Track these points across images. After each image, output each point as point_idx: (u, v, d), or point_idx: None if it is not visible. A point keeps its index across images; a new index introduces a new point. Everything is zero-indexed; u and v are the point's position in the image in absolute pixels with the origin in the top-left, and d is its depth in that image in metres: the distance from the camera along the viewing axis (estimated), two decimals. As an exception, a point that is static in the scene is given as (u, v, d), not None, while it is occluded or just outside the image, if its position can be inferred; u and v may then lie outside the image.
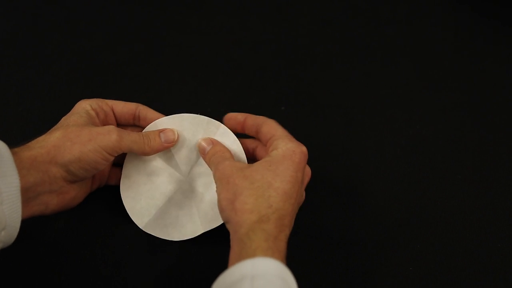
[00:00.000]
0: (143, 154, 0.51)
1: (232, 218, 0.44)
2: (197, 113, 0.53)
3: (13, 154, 0.42)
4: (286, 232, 0.45)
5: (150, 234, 0.52)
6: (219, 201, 0.46)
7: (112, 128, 0.47)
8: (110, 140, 0.46)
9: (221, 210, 0.46)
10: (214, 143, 0.51)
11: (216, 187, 0.47)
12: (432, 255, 0.54)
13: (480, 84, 0.68)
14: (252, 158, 0.53)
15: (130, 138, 0.48)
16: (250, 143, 0.53)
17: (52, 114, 0.49)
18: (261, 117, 0.52)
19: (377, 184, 0.59)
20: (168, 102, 0.64)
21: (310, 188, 0.57)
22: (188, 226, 0.52)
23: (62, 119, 0.49)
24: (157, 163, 0.53)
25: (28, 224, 0.45)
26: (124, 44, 0.69)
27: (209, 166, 0.51)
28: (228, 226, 0.46)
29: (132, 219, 0.52)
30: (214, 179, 0.48)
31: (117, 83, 0.66)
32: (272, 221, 0.43)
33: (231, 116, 0.53)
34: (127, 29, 0.71)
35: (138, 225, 0.52)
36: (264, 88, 0.66)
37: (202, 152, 0.51)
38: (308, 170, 0.51)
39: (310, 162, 0.60)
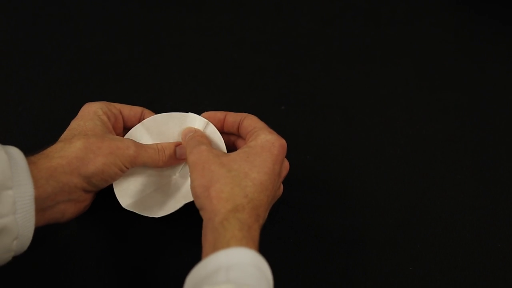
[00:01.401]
0: (155, 167, 0.51)
1: (207, 206, 0.44)
2: (197, 113, 0.52)
3: (31, 163, 0.42)
4: (260, 222, 0.44)
5: (150, 233, 0.52)
6: (193, 187, 0.45)
7: (131, 143, 0.48)
8: (129, 155, 0.47)
9: (196, 197, 0.45)
10: (196, 131, 0.51)
11: (190, 172, 0.46)
12: (432, 255, 0.54)
13: (480, 84, 0.68)
14: (232, 149, 0.52)
15: (146, 154, 0.49)
16: (230, 136, 0.53)
17: (52, 114, 0.49)
18: (242, 113, 0.52)
19: (377, 184, 0.59)
20: (168, 102, 0.64)
21: (310, 188, 0.57)
22: (170, 204, 0.51)
23: (74, 124, 0.48)
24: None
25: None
26: (124, 44, 0.69)
27: (186, 152, 0.50)
28: (202, 213, 0.45)
29: (117, 198, 0.51)
30: (188, 163, 0.47)
31: (117, 83, 0.66)
32: (247, 211, 0.43)
33: (210, 114, 0.52)
34: (127, 29, 0.71)
35: (122, 204, 0.50)
36: (264, 88, 0.66)
37: (183, 139, 0.51)
38: (286, 164, 0.50)
39: (310, 161, 0.60)
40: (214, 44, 0.70)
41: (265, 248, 0.53)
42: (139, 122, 0.52)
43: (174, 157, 0.51)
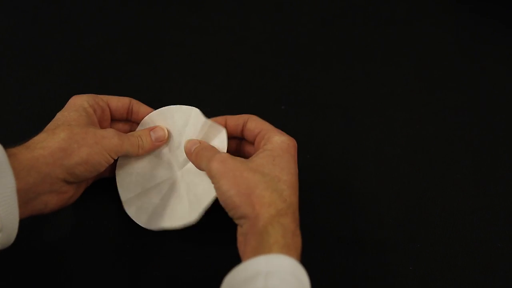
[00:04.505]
0: (136, 155, 0.52)
1: (250, 213, 0.43)
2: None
3: (12, 155, 0.42)
4: (298, 225, 0.45)
5: (150, 233, 0.52)
6: (229, 197, 0.44)
7: (113, 132, 0.48)
8: (113, 143, 0.47)
9: (235, 207, 0.44)
10: (201, 142, 0.50)
11: (217, 183, 0.45)
12: (432, 255, 0.54)
13: (480, 84, 0.68)
14: (235, 154, 0.50)
15: (128, 142, 0.50)
16: (230, 141, 0.52)
17: (52, 113, 0.49)
18: (243, 115, 0.51)
19: (377, 184, 0.59)
20: (168, 102, 0.63)
21: (310, 188, 0.57)
22: (185, 217, 0.50)
23: (59, 115, 0.49)
24: (149, 160, 0.53)
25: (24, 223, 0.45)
26: (124, 44, 0.69)
27: (197, 163, 0.49)
28: (242, 221, 0.44)
29: (121, 200, 0.52)
30: (211, 174, 0.45)
31: (117, 83, 0.66)
32: (289, 215, 0.43)
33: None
34: (127, 28, 0.71)
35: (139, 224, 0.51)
36: (264, 88, 0.66)
37: (188, 153, 0.50)
38: None
39: (310, 161, 0.60)
40: (214, 44, 0.70)
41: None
42: (126, 114, 0.53)
43: (151, 142, 0.52)
